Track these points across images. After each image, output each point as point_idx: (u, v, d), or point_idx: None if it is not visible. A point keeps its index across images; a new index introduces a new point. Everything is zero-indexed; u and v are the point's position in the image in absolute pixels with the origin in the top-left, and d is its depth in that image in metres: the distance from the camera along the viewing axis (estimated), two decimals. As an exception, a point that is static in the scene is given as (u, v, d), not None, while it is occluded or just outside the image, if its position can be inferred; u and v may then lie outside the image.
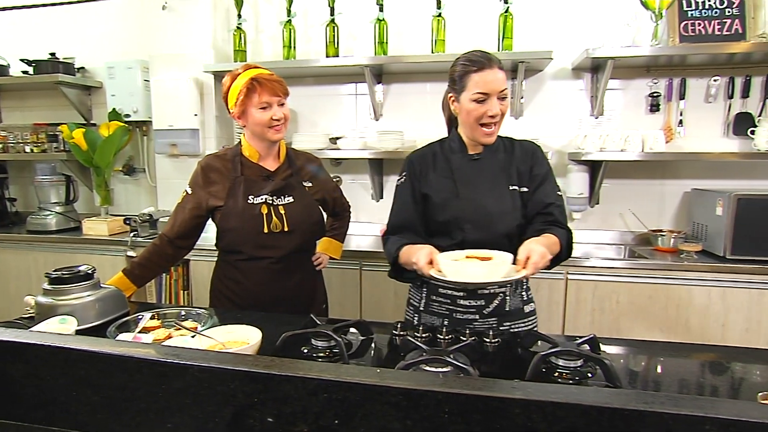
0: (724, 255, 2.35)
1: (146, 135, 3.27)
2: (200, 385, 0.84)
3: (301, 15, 2.94)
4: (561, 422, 0.71)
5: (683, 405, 0.70)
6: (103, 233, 2.91)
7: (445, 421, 0.74)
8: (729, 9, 2.55)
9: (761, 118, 2.62)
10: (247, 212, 1.59)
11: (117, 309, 1.48)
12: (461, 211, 1.50)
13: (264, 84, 1.55)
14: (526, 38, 2.71)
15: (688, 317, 2.31)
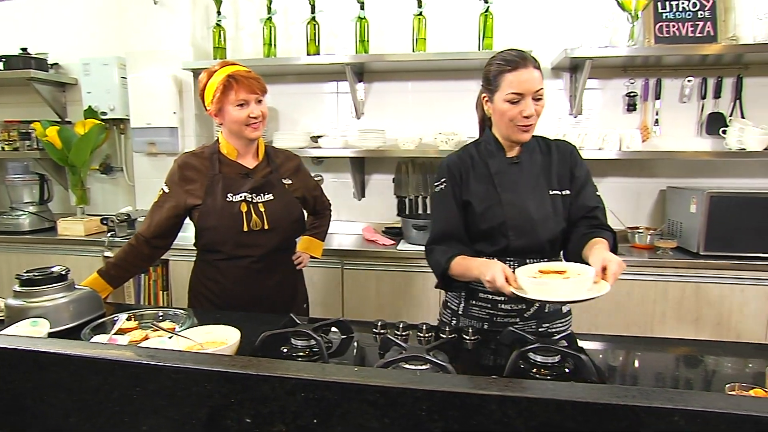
0: (697, 251, 2.40)
1: (124, 133, 3.21)
2: (176, 386, 0.83)
3: (281, 12, 2.92)
4: (537, 417, 0.72)
5: (654, 398, 0.72)
6: (80, 233, 2.84)
7: (423, 418, 0.74)
8: (701, 12, 2.61)
9: (732, 118, 2.68)
10: (226, 210, 1.57)
11: (92, 311, 1.44)
12: (504, 218, 1.45)
13: (241, 81, 1.53)
14: (506, 38, 2.73)
15: (663, 312, 2.36)
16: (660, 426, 0.70)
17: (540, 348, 1.13)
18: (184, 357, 0.86)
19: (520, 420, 0.72)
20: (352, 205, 3.08)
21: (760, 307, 2.33)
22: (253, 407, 0.81)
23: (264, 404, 0.80)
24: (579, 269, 1.22)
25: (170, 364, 0.83)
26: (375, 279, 2.55)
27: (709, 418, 0.69)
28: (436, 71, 2.87)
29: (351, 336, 1.35)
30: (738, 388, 0.96)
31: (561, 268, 1.24)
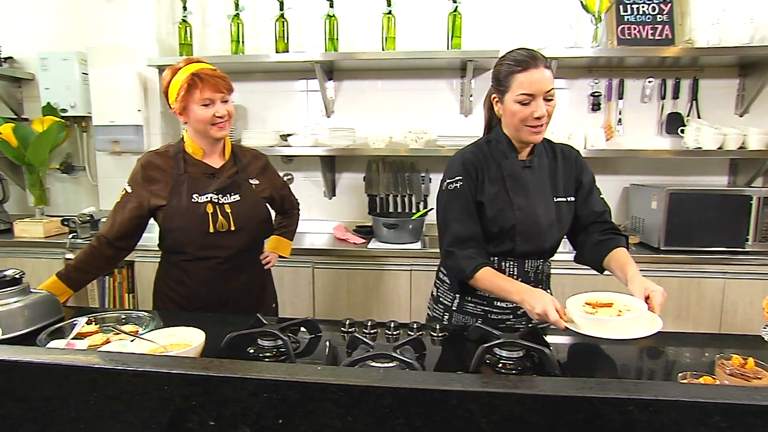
0: (658, 246, 2.48)
1: (86, 131, 3.11)
2: (135, 390, 0.81)
3: (249, 9, 2.88)
4: (498, 411, 0.73)
5: (610, 389, 0.74)
6: (39, 235, 2.74)
7: (387, 415, 0.74)
8: (660, 15, 2.70)
9: (689, 118, 2.78)
10: (191, 211, 1.53)
11: (49, 315, 1.39)
12: (515, 222, 1.43)
13: (206, 80, 1.49)
14: (474, 37, 2.76)
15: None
16: (615, 415, 0.72)
17: (505, 343, 1.15)
18: (143, 360, 0.84)
19: (481, 414, 0.73)
20: (322, 204, 3.07)
21: (715, 299, 2.43)
22: (215, 409, 0.79)
23: (226, 406, 0.79)
24: (627, 302, 1.22)
25: (128, 367, 0.81)
26: (346, 278, 2.55)
27: (660, 406, 0.72)
28: (406, 70, 2.88)
29: (319, 335, 1.34)
30: (689, 376, 1.00)
31: (608, 300, 1.24)
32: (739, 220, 2.46)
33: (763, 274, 2.40)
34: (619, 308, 1.20)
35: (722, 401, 0.71)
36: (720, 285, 2.42)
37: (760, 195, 2.44)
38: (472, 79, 2.76)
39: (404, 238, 2.61)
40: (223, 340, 1.21)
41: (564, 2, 2.73)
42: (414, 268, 2.50)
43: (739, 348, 1.22)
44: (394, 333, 1.31)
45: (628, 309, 1.18)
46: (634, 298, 1.22)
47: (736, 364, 1.02)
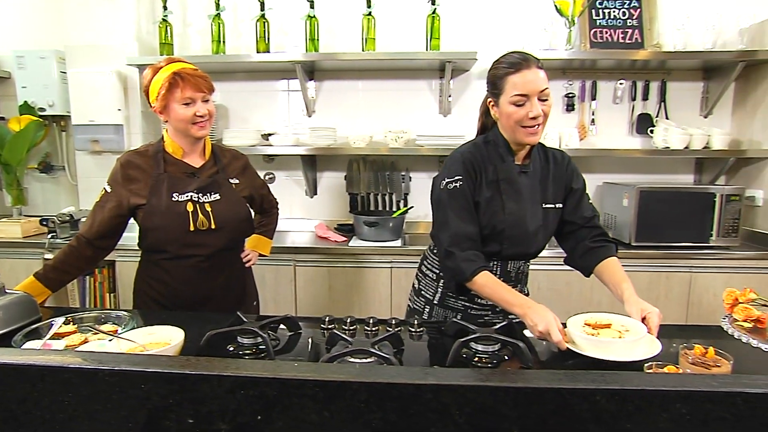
0: (629, 242, 2.53)
1: (65, 130, 3.03)
2: (111, 389, 0.79)
3: (230, 9, 2.84)
4: (471, 403, 0.74)
5: (578, 380, 0.75)
6: (16, 235, 2.67)
7: (362, 410, 0.74)
8: (630, 20, 2.75)
9: (658, 119, 2.84)
10: (171, 210, 1.51)
11: (25, 316, 1.36)
12: (504, 227, 1.43)
13: (187, 79, 1.47)
14: (453, 39, 2.78)
15: (599, 299, 2.47)
16: (584, 405, 0.73)
17: (481, 338, 1.16)
18: (119, 359, 0.82)
19: (455, 407, 0.73)
20: (304, 203, 3.05)
21: (681, 292, 2.49)
22: (192, 407, 0.78)
23: (203, 404, 0.78)
24: (625, 323, 1.22)
25: (104, 366, 0.79)
26: (327, 275, 2.54)
27: (625, 395, 0.73)
28: (386, 70, 2.88)
29: (299, 332, 1.34)
30: (655, 366, 1.02)
31: (607, 321, 1.23)
32: (703, 217, 2.52)
33: (725, 268, 2.47)
34: (618, 329, 1.19)
35: (683, 389, 0.73)
36: (687, 278, 2.48)
37: (723, 192, 2.51)
38: (451, 79, 2.78)
39: (385, 235, 2.61)
40: (202, 338, 1.20)
41: (539, 6, 2.76)
42: (394, 265, 2.51)
43: (702, 338, 1.24)
44: (373, 329, 1.31)
45: (626, 330, 1.18)
46: (630, 319, 1.22)
47: (698, 354, 1.04)
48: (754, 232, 2.67)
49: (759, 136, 2.67)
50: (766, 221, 2.63)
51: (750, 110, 2.74)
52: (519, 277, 1.57)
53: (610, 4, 2.75)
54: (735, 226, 2.52)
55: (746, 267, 2.47)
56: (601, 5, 2.74)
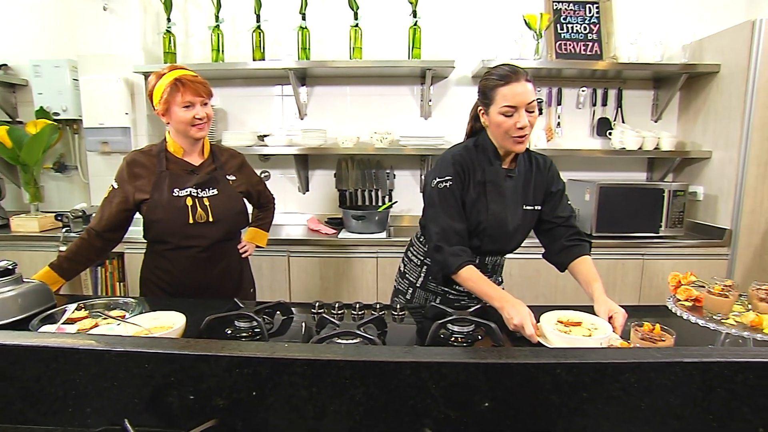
0: (591, 233, 2.55)
1: (77, 133, 2.96)
2: (117, 369, 0.79)
3: (228, 21, 2.80)
4: (446, 378, 0.74)
5: (542, 356, 0.76)
6: (34, 230, 2.61)
7: (347, 385, 0.74)
8: (590, 34, 2.77)
9: (615, 122, 2.87)
10: (172, 204, 1.50)
11: (41, 303, 1.33)
12: (485, 225, 1.42)
13: (187, 84, 1.46)
14: (433, 49, 2.77)
15: (564, 285, 2.50)
16: (546, 378, 0.74)
17: (457, 320, 1.16)
18: (124, 341, 0.81)
19: (431, 381, 0.74)
20: (297, 198, 3.03)
21: (635, 278, 2.53)
22: (192, 384, 0.78)
23: (202, 381, 0.77)
24: (594, 321, 1.21)
25: (111, 348, 0.78)
26: (319, 265, 2.53)
27: (582, 368, 0.74)
28: (372, 77, 2.86)
29: (291, 317, 1.33)
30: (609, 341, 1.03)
31: (578, 318, 1.23)
32: (654, 210, 2.56)
33: (672, 255, 2.51)
34: (588, 327, 1.19)
35: (631, 361, 0.75)
36: (639, 265, 2.52)
37: (671, 188, 2.55)
38: (431, 86, 2.77)
39: (371, 228, 2.61)
40: (202, 322, 1.18)
41: (510, 19, 2.76)
42: (380, 255, 2.51)
43: (651, 317, 1.27)
44: (359, 313, 1.31)
45: (595, 328, 1.18)
46: (599, 319, 1.21)
47: (647, 330, 1.06)
48: (695, 224, 2.72)
49: (700, 139, 2.72)
50: (706, 214, 2.68)
51: (692, 116, 2.78)
52: (495, 269, 1.59)
53: (573, 19, 2.76)
54: (680, 218, 2.57)
55: (689, 254, 2.52)
56: (565, 20, 2.75)
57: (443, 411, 0.75)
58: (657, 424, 0.76)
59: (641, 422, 0.76)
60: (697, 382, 0.75)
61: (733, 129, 2.45)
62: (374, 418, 0.75)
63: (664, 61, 2.68)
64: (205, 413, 0.78)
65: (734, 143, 2.43)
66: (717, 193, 2.58)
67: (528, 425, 0.76)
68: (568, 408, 0.76)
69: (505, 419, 0.76)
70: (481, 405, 0.75)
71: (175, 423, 0.79)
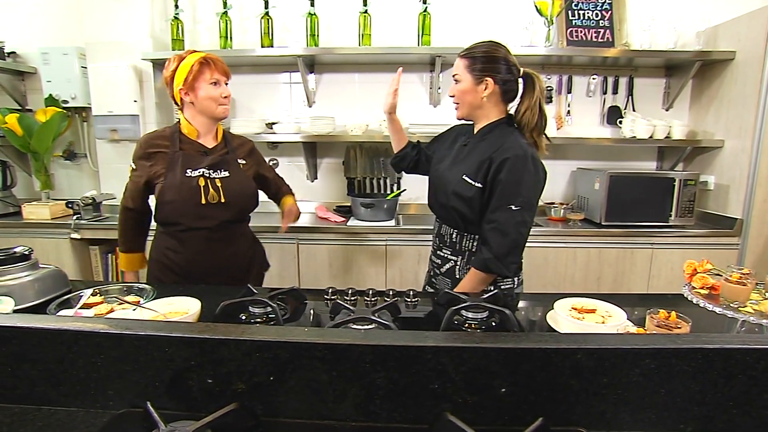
0: (600, 222, 2.54)
1: (86, 121, 2.96)
2: (138, 352, 0.79)
3: (236, 7, 2.77)
4: (466, 363, 0.74)
5: (561, 341, 0.75)
6: (45, 217, 2.62)
7: (368, 369, 0.74)
8: (602, 21, 2.72)
9: (626, 111, 2.83)
10: (185, 185, 1.50)
11: (57, 288, 1.34)
12: (430, 178, 1.60)
13: (216, 63, 1.52)
14: (442, 35, 2.73)
15: (573, 273, 2.49)
16: (566, 363, 0.74)
17: (471, 306, 1.16)
18: (145, 325, 0.81)
19: (452, 366, 0.73)
20: (305, 186, 3.02)
21: (644, 266, 2.51)
22: (212, 368, 0.78)
23: (222, 365, 0.78)
24: (608, 309, 1.18)
25: (132, 332, 0.79)
26: (328, 252, 2.53)
27: (602, 353, 0.74)
28: (381, 64, 2.82)
29: (304, 303, 1.33)
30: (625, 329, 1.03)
31: (592, 306, 1.20)
32: (664, 199, 2.54)
33: (682, 244, 2.49)
34: (602, 314, 1.17)
35: (651, 347, 0.74)
36: (649, 253, 2.50)
37: (681, 177, 2.52)
38: (440, 73, 2.74)
39: (380, 216, 2.60)
40: (216, 308, 1.19)
41: (521, 6, 2.71)
42: (389, 243, 2.51)
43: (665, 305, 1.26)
44: (372, 299, 1.31)
45: (609, 315, 1.16)
46: (614, 306, 1.19)
47: (662, 318, 1.05)
48: (706, 213, 2.70)
49: (712, 128, 2.67)
50: (716, 203, 2.65)
51: (705, 104, 2.74)
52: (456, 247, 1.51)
53: (585, 5, 2.71)
54: (691, 207, 2.54)
55: (699, 243, 2.50)
56: (577, 7, 2.70)
57: (463, 395, 0.75)
58: (676, 410, 0.76)
59: (661, 408, 0.76)
60: (718, 368, 0.75)
61: (747, 118, 2.40)
62: (394, 401, 0.75)
63: (677, 49, 2.63)
64: (224, 397, 0.78)
65: (748, 132, 2.40)
66: (728, 182, 2.55)
67: (547, 410, 0.75)
68: (588, 393, 0.75)
69: (524, 404, 0.76)
70: (500, 389, 0.75)
71: (194, 406, 0.79)
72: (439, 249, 1.57)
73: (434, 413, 0.75)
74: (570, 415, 0.76)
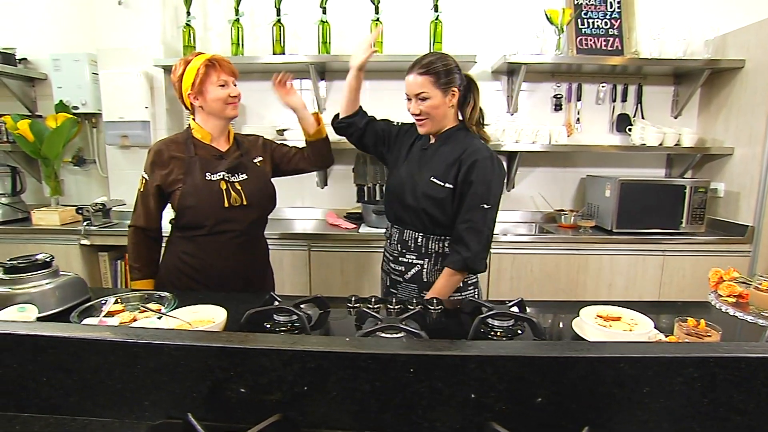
0: (611, 229, 2.54)
1: (96, 127, 2.97)
2: (176, 363, 0.78)
3: (248, 14, 2.79)
4: (511, 372, 0.73)
5: (604, 350, 0.75)
6: (55, 223, 2.62)
7: (411, 379, 0.74)
8: (611, 29, 2.74)
9: (635, 118, 2.85)
10: (206, 189, 1.49)
11: (78, 295, 1.33)
12: (391, 185, 1.59)
13: (222, 64, 1.51)
14: (454, 43, 2.74)
15: (585, 280, 2.49)
16: (610, 371, 0.74)
17: (497, 314, 1.16)
18: (182, 335, 0.81)
19: (495, 375, 0.73)
20: (315, 193, 3.02)
21: (655, 273, 2.51)
22: (252, 378, 0.77)
23: (262, 375, 0.77)
24: (634, 316, 1.18)
25: (171, 342, 0.78)
26: (339, 259, 2.53)
27: (646, 362, 0.73)
28: (391, 71, 2.83)
29: (327, 311, 1.33)
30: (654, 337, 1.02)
31: (617, 313, 1.20)
32: (675, 206, 2.54)
33: (693, 251, 2.50)
34: (627, 321, 1.16)
35: (695, 355, 0.74)
36: (660, 261, 2.50)
37: (692, 185, 2.53)
38: (450, 81, 2.74)
39: (391, 223, 2.60)
40: (239, 316, 1.18)
41: (532, 15, 2.73)
42: (400, 250, 2.50)
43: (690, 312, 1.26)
44: (396, 307, 1.31)
45: (636, 323, 1.15)
46: (639, 314, 1.19)
47: (691, 326, 1.05)
48: (716, 220, 2.70)
49: (721, 136, 2.69)
50: (727, 210, 2.66)
51: (714, 112, 2.76)
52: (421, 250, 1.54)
53: (594, 14, 2.73)
54: (701, 214, 2.55)
55: (711, 250, 2.50)
56: (587, 15, 2.72)
57: (506, 404, 0.74)
58: (719, 420, 0.76)
59: (703, 417, 0.76)
60: (761, 377, 0.74)
61: (757, 125, 2.42)
62: (437, 411, 0.75)
63: (686, 57, 2.65)
64: (264, 407, 0.78)
65: (758, 139, 2.41)
66: (739, 189, 2.56)
67: (590, 418, 0.75)
68: (631, 402, 0.75)
69: (566, 413, 0.75)
70: (543, 398, 0.74)
71: (234, 417, 0.78)
72: (402, 255, 1.57)
73: (476, 423, 0.75)
74: (612, 424, 0.76)
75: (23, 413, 0.83)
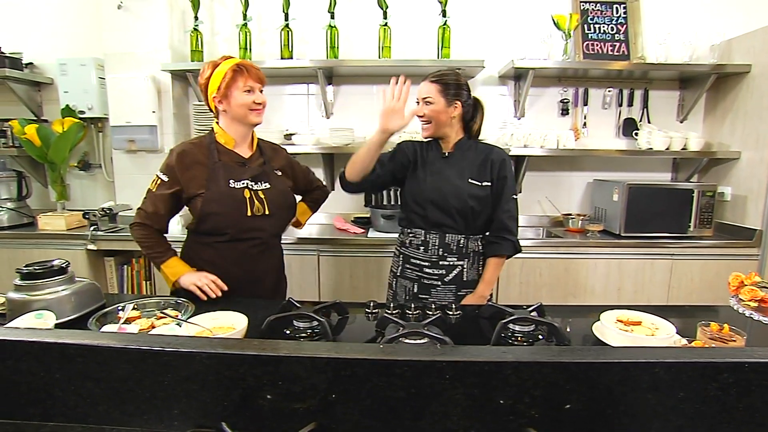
0: (619, 233, 2.55)
1: (102, 131, 2.96)
2: (208, 371, 0.78)
3: (256, 19, 2.78)
4: (546, 378, 0.73)
5: (639, 355, 0.75)
6: (61, 228, 2.60)
7: (446, 386, 0.73)
8: (618, 35, 2.76)
9: (641, 123, 2.86)
10: (230, 196, 1.48)
11: (93, 301, 1.33)
12: (424, 194, 1.63)
13: (250, 70, 1.49)
14: (461, 48, 2.76)
15: (593, 284, 2.49)
16: (644, 376, 0.73)
17: (518, 319, 1.16)
18: (213, 343, 0.80)
19: (531, 381, 0.73)
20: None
21: (663, 277, 2.52)
22: (285, 386, 0.77)
23: (296, 383, 0.76)
24: (654, 321, 1.17)
25: (202, 350, 0.78)
26: (348, 264, 2.52)
27: (681, 367, 0.73)
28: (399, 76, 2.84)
29: (346, 316, 1.32)
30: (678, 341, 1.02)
31: (637, 318, 1.20)
32: (682, 210, 2.55)
33: (702, 255, 2.50)
34: (648, 326, 1.17)
35: (730, 360, 0.74)
36: (668, 264, 2.51)
37: (700, 189, 2.54)
38: (458, 86, 2.75)
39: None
40: (257, 322, 1.17)
41: (539, 20, 2.75)
42: (409, 254, 2.50)
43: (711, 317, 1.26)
44: (414, 312, 1.30)
45: (656, 327, 1.15)
46: (659, 318, 1.18)
47: (715, 330, 1.05)
48: (724, 224, 2.71)
49: (728, 140, 2.70)
50: (734, 214, 2.67)
51: (719, 117, 2.77)
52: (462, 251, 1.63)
53: (601, 20, 2.75)
54: (709, 218, 2.56)
55: (719, 254, 2.50)
56: (593, 21, 2.74)
57: (541, 410, 0.74)
58: (755, 426, 0.75)
59: (738, 422, 0.76)
60: (796, 383, 0.74)
61: (764, 129, 2.43)
62: (471, 418, 0.74)
63: (692, 62, 2.66)
64: (296, 416, 0.77)
65: (766, 143, 2.42)
66: (746, 193, 2.57)
67: (624, 424, 0.75)
68: (665, 407, 0.75)
69: (601, 418, 0.75)
70: (578, 404, 0.74)
71: (265, 426, 0.78)
72: (442, 259, 1.63)
73: (511, 429, 0.74)
74: (647, 430, 0.76)
75: (50, 422, 0.82)
